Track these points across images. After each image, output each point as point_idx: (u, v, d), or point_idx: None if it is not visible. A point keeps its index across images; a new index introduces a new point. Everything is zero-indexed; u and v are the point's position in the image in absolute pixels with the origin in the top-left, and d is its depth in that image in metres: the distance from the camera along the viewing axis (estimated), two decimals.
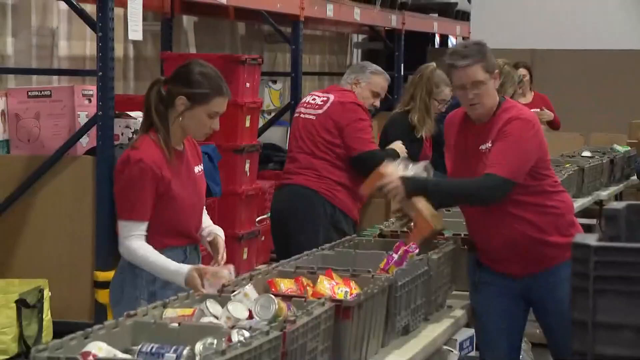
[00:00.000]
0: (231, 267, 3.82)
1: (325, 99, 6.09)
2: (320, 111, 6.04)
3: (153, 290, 4.18)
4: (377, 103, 6.31)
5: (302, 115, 6.11)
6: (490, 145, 4.53)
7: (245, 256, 6.65)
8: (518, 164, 4.48)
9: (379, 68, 6.30)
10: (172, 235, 4.23)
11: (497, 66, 8.08)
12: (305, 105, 6.18)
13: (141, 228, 4.13)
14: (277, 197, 6.27)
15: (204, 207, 4.47)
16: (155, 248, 4.13)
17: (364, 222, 5.83)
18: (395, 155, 5.79)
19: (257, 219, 6.97)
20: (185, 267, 3.99)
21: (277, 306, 3.21)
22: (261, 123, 7.70)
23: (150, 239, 4.17)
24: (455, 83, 4.63)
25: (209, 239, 4.34)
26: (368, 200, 6.14)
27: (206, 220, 4.46)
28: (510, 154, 4.47)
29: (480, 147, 4.56)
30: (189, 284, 3.88)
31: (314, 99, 6.15)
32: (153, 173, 4.12)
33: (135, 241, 4.11)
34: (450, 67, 4.59)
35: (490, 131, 4.55)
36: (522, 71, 9.10)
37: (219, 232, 4.39)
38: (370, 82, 6.18)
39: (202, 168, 4.47)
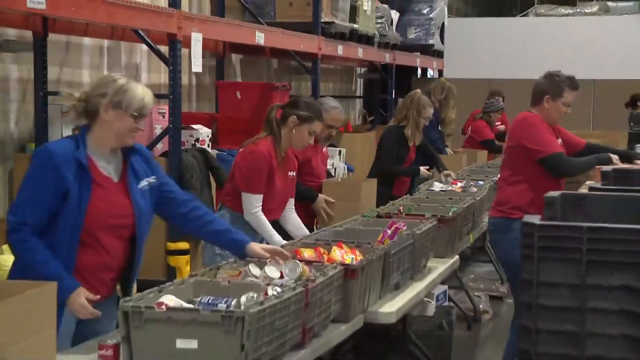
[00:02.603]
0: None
1: None
2: None
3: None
4: (333, 132, 5.50)
5: None
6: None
7: None
8: None
9: (332, 103, 5.58)
10: (264, 211, 4.39)
11: (441, 82, 8.16)
12: None
13: (260, 199, 4.35)
14: None
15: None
16: None
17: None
18: None
19: None
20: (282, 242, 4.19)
21: (301, 269, 3.20)
22: None
23: None
24: (568, 100, 4.63)
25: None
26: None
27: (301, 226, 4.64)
28: None
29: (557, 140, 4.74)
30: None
31: None
32: (269, 163, 4.36)
33: (260, 211, 4.34)
34: (573, 87, 4.63)
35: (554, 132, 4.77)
36: (500, 99, 8.99)
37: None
38: (325, 117, 5.74)
39: (295, 174, 4.66)
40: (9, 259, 4.90)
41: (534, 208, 4.48)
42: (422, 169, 6.55)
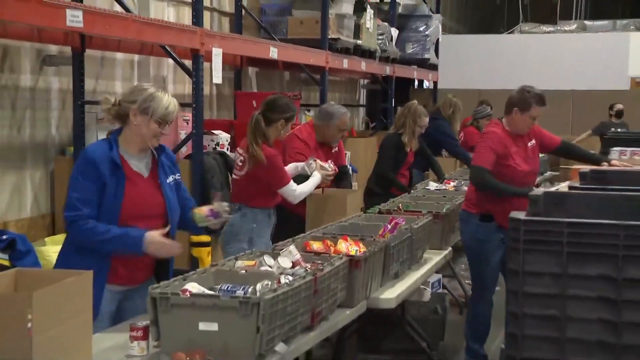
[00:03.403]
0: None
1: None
2: None
3: (251, 237, 4.44)
4: (344, 135, 5.51)
5: None
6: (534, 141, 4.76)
7: None
8: None
9: (341, 110, 5.49)
10: (272, 199, 4.55)
11: (448, 99, 8.35)
12: None
13: (294, 183, 4.53)
14: None
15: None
16: (268, 206, 4.52)
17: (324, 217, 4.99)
18: None
19: None
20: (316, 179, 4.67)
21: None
22: None
23: (265, 200, 4.52)
24: (535, 114, 4.63)
25: None
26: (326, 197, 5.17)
27: None
28: None
29: (528, 144, 4.72)
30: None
31: None
32: (282, 160, 4.60)
33: (298, 188, 4.53)
34: (540, 103, 4.62)
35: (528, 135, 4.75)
36: (487, 107, 8.97)
37: None
38: (337, 124, 5.41)
39: None
40: (50, 249, 4.91)
41: (490, 204, 4.62)
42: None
